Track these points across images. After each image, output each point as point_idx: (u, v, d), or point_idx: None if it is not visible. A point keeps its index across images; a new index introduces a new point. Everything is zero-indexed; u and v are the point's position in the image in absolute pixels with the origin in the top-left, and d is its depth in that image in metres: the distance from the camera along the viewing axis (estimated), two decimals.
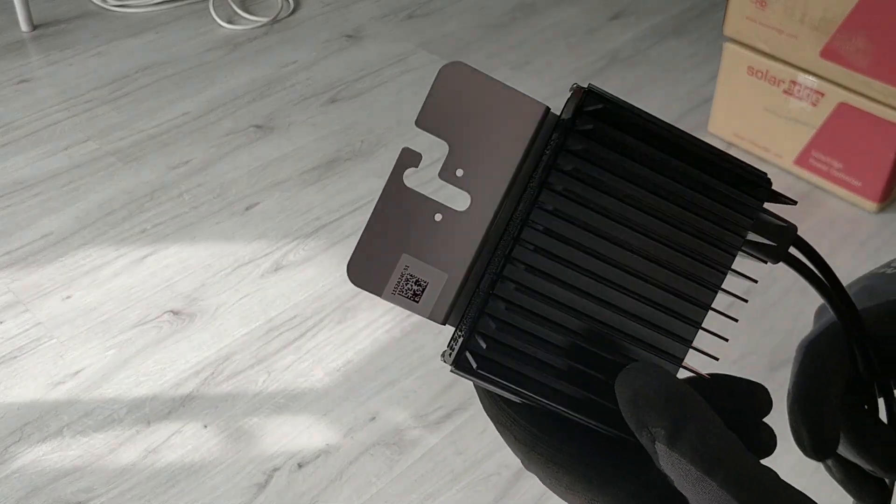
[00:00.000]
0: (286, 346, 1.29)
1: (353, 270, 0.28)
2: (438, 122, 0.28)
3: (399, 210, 0.28)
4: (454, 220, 0.28)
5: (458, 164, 0.28)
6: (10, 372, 1.26)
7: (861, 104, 1.46)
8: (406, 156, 0.28)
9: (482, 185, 0.28)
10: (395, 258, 0.28)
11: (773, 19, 1.52)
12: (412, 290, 0.28)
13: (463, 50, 1.95)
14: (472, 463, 1.15)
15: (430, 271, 0.28)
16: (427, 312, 0.28)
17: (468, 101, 0.28)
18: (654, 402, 0.24)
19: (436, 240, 0.28)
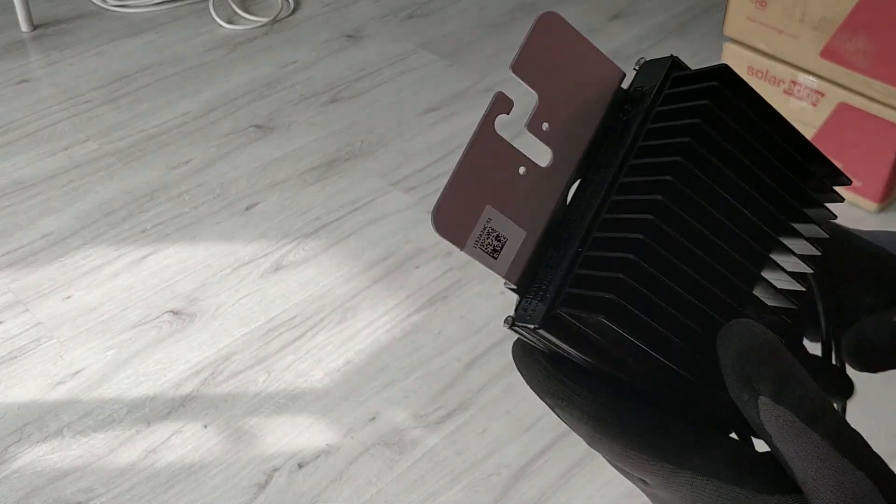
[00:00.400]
0: (286, 346, 1.29)
1: (439, 217, 0.26)
2: (532, 70, 0.27)
3: (487, 158, 0.27)
4: (537, 176, 0.27)
5: (546, 117, 0.27)
6: (10, 372, 1.26)
7: (861, 104, 1.46)
8: (500, 101, 0.27)
9: (565, 141, 0.27)
10: (480, 209, 0.27)
11: (773, 19, 1.52)
12: (492, 246, 0.27)
13: (463, 50, 1.95)
14: (472, 463, 1.15)
15: (510, 227, 0.27)
16: (503, 271, 0.27)
17: (560, 54, 0.27)
18: (761, 356, 0.24)
19: (519, 194, 0.27)
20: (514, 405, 1.22)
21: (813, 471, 0.23)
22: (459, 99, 1.80)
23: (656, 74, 0.28)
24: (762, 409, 0.24)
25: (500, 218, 0.27)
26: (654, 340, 0.26)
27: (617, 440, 0.26)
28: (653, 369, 0.26)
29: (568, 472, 1.14)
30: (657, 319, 0.26)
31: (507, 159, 0.27)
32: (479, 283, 1.39)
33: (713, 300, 0.26)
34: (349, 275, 1.41)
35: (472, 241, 0.27)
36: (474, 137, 0.26)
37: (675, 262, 0.26)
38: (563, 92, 0.27)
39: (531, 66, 0.27)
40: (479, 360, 1.28)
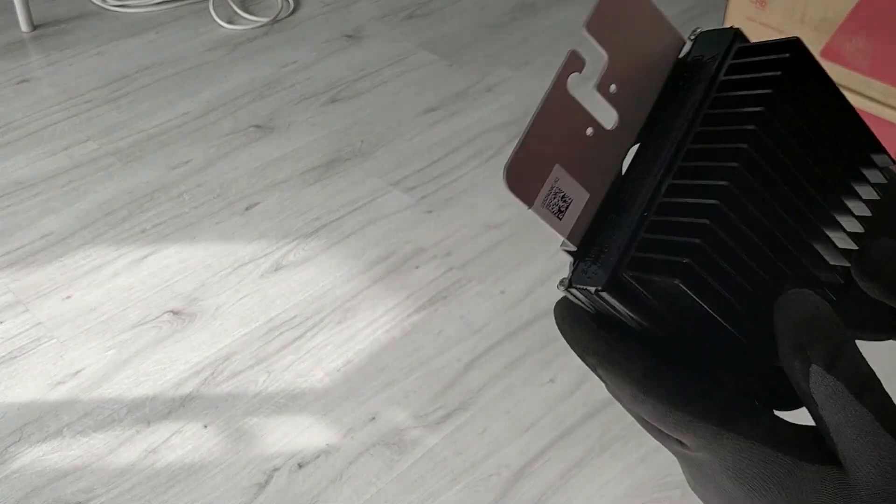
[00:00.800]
0: (286, 346, 1.29)
1: (511, 174, 0.26)
2: (604, 30, 0.27)
3: (558, 117, 0.27)
4: (603, 138, 0.27)
5: (614, 78, 0.27)
6: (10, 372, 1.26)
7: (861, 104, 1.46)
8: (573, 60, 0.26)
9: (630, 106, 0.27)
10: (549, 168, 0.26)
11: (773, 19, 1.52)
12: (558, 206, 0.27)
13: (463, 50, 1.95)
14: (472, 463, 1.15)
15: (576, 188, 0.27)
16: (566, 232, 0.27)
17: (629, 16, 0.27)
18: (818, 326, 0.24)
19: (585, 155, 0.27)
20: (514, 405, 1.22)
21: (856, 443, 0.23)
22: (459, 99, 1.80)
23: (717, 45, 0.28)
24: (813, 377, 0.24)
25: (567, 178, 0.27)
26: (722, 307, 0.26)
27: (662, 399, 0.26)
28: (707, 336, 0.26)
29: (568, 472, 1.14)
30: (727, 287, 0.26)
31: (577, 119, 0.27)
32: (479, 283, 1.39)
33: (779, 271, 0.26)
34: (349, 275, 1.41)
35: (540, 200, 0.27)
36: (547, 95, 0.26)
37: (747, 231, 0.26)
38: (632, 55, 0.27)
39: (603, 27, 0.27)
40: (479, 360, 1.28)
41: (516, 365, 1.27)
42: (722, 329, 0.26)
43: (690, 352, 0.27)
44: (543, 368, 1.26)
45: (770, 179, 0.26)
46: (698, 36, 0.29)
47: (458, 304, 1.36)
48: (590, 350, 0.27)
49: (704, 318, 0.26)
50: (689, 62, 0.28)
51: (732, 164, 0.25)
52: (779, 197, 0.26)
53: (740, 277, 0.26)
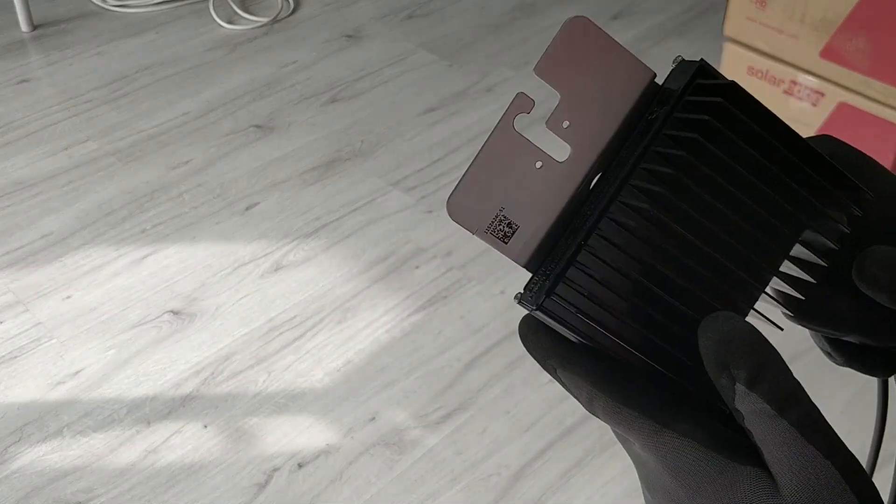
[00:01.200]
0: (286, 346, 1.29)
1: (453, 205, 0.29)
2: (556, 72, 0.29)
3: (505, 153, 0.29)
4: (552, 170, 0.29)
5: (566, 115, 0.29)
6: (10, 372, 1.26)
7: (861, 104, 1.46)
8: (520, 101, 0.29)
9: (584, 139, 0.29)
10: (495, 198, 0.29)
11: (773, 19, 1.52)
12: (503, 232, 0.29)
13: (463, 50, 1.95)
14: (472, 463, 1.15)
15: (523, 215, 0.29)
16: (514, 255, 0.29)
17: (586, 56, 0.29)
18: (740, 345, 0.26)
19: (533, 186, 0.29)
20: (514, 405, 1.22)
21: (779, 455, 0.25)
22: (459, 99, 1.80)
23: (683, 77, 0.29)
24: (737, 395, 0.25)
25: (513, 207, 0.29)
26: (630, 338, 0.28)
27: (613, 396, 0.28)
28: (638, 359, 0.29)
29: (568, 472, 1.14)
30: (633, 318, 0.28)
31: (525, 155, 0.29)
32: (479, 283, 1.39)
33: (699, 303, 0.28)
34: (349, 275, 1.41)
35: (483, 226, 0.29)
36: (492, 135, 0.29)
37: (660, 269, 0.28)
38: (586, 92, 0.29)
39: (555, 69, 0.29)
40: (479, 360, 1.28)
41: (516, 365, 1.27)
42: None
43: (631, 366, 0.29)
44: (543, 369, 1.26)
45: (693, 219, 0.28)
46: (679, 63, 0.30)
47: (458, 304, 1.36)
48: (551, 352, 0.29)
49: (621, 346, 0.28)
50: (662, 91, 0.30)
51: (643, 206, 0.28)
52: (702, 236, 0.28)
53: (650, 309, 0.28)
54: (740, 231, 0.29)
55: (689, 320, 0.28)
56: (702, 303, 0.28)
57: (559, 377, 0.29)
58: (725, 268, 0.29)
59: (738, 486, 0.25)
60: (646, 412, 0.27)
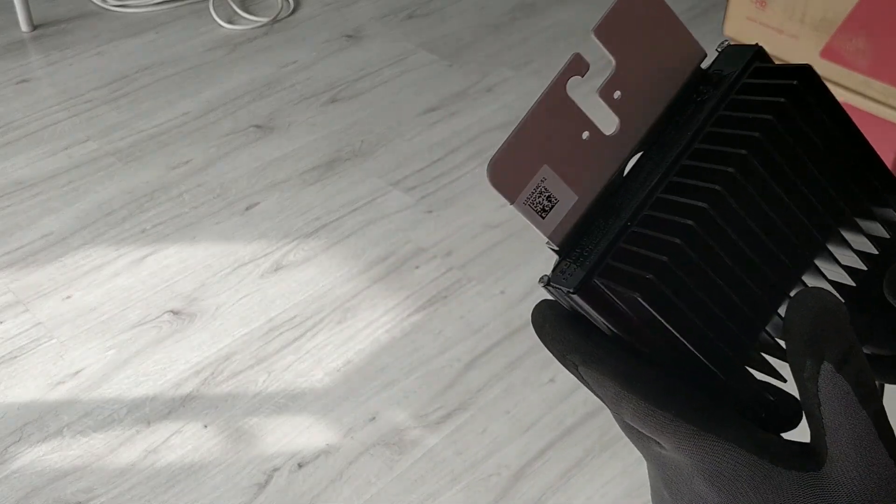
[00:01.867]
0: (286, 346, 1.29)
1: (494, 170, 0.27)
2: (614, 36, 0.27)
3: (553, 117, 0.27)
4: (599, 143, 0.27)
5: (619, 85, 0.27)
6: (10, 372, 1.26)
7: (861, 104, 1.46)
8: (575, 62, 0.27)
9: (634, 112, 0.27)
10: (537, 167, 0.27)
11: (773, 19, 1.52)
12: (542, 205, 0.27)
13: (463, 50, 1.95)
14: (472, 463, 1.15)
15: (564, 190, 0.27)
16: (549, 231, 0.27)
17: (644, 25, 0.27)
18: (838, 324, 0.24)
19: (578, 158, 0.27)
20: (514, 405, 1.22)
21: (850, 447, 0.23)
22: (459, 99, 1.80)
23: (738, 61, 0.27)
24: (823, 374, 0.24)
25: (554, 179, 0.27)
26: (686, 328, 0.26)
27: (645, 397, 0.26)
28: (677, 353, 0.26)
29: (568, 472, 1.14)
30: (693, 309, 0.26)
31: (573, 122, 0.27)
32: (479, 283, 1.39)
33: (753, 300, 0.26)
34: (349, 275, 1.41)
35: (523, 197, 0.27)
36: (543, 95, 0.26)
37: (722, 255, 0.26)
38: (641, 63, 0.27)
39: (613, 32, 0.27)
40: (479, 360, 1.28)
41: (516, 365, 1.27)
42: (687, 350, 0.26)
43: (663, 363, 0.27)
44: (543, 368, 1.26)
45: (754, 204, 0.26)
46: (724, 49, 0.28)
47: (458, 304, 1.36)
48: (573, 347, 0.27)
49: (671, 337, 0.26)
50: (709, 75, 0.28)
51: (715, 187, 0.25)
52: (760, 222, 0.26)
53: (711, 303, 0.26)
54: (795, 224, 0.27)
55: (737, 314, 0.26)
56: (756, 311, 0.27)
57: (580, 374, 0.27)
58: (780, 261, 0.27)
59: (785, 492, 0.24)
60: (682, 414, 0.25)
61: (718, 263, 0.26)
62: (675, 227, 0.25)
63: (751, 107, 0.27)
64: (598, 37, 0.27)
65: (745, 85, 0.27)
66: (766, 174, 0.26)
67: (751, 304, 0.26)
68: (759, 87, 0.27)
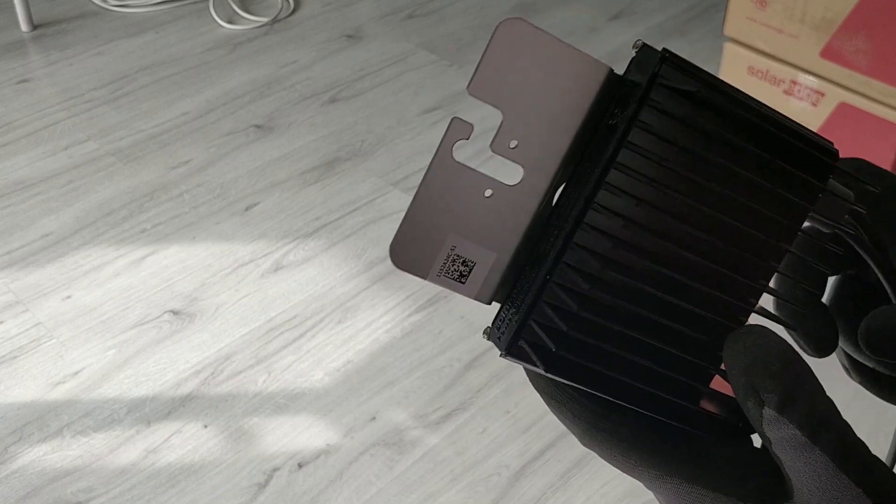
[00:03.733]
0: (286, 346, 1.29)
1: (396, 252, 0.26)
2: (493, 88, 0.25)
3: (447, 186, 0.26)
4: (505, 195, 0.26)
5: (513, 134, 0.26)
6: (10, 372, 1.26)
7: (861, 104, 1.46)
8: (456, 127, 0.25)
9: (537, 156, 0.26)
10: (442, 239, 0.26)
11: (773, 19, 1.52)
12: (458, 272, 0.26)
13: (463, 50, 1.95)
14: (472, 463, 1.15)
15: (478, 251, 0.26)
16: (473, 294, 0.27)
17: (526, 63, 0.25)
18: (770, 367, 0.24)
19: (485, 217, 0.26)
20: (514, 405, 1.22)
21: (810, 485, 0.23)
22: (459, 99, 1.80)
23: (646, 71, 0.25)
24: (766, 420, 0.23)
25: (465, 244, 0.26)
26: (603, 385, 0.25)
27: (607, 444, 0.26)
28: None
29: (568, 472, 1.14)
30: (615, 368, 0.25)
31: (469, 185, 0.26)
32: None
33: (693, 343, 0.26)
34: (349, 275, 1.41)
35: (435, 271, 0.26)
36: (429, 169, 0.25)
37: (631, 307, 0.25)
38: (531, 104, 0.25)
39: (491, 85, 0.25)
40: (479, 360, 1.28)
41: (516, 365, 1.26)
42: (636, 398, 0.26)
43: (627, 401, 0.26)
44: None
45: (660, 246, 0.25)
46: (640, 49, 0.26)
47: (458, 304, 1.36)
48: (540, 387, 0.27)
49: None
50: (626, 84, 0.26)
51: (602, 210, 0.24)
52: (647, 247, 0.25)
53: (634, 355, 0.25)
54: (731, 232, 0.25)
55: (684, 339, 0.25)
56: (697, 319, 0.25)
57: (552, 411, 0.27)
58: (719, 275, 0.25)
59: None
60: (645, 458, 0.25)
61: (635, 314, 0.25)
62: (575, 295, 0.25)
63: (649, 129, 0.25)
64: (475, 94, 0.25)
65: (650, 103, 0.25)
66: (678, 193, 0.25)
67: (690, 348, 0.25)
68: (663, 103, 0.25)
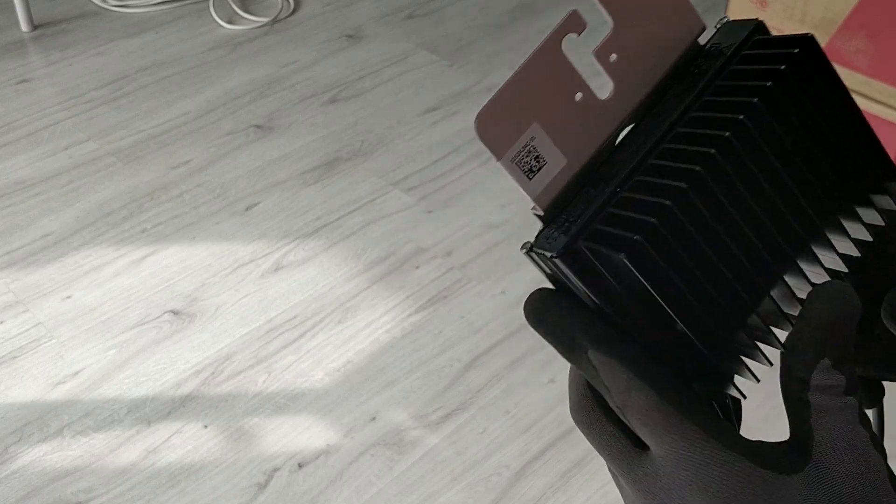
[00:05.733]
0: (286, 346, 1.29)
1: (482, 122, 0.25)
2: None
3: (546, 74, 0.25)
4: (592, 106, 0.26)
5: (616, 48, 0.26)
6: (10, 372, 1.26)
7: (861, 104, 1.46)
8: (572, 20, 0.26)
9: (629, 79, 0.26)
10: (526, 124, 0.26)
11: (773, 19, 1.52)
12: (530, 165, 0.26)
13: (463, 50, 1.95)
14: (473, 463, 1.15)
15: (553, 151, 0.26)
16: (535, 193, 0.26)
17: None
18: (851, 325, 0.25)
19: (569, 120, 0.26)
20: (514, 405, 1.22)
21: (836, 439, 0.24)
22: (459, 99, 1.80)
23: (737, 35, 0.27)
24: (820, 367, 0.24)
25: (544, 139, 0.26)
26: (672, 296, 0.25)
27: (656, 389, 0.25)
28: (656, 322, 0.26)
29: (568, 472, 1.14)
30: (680, 276, 0.25)
31: (566, 81, 0.26)
32: (479, 283, 1.39)
33: (744, 276, 0.26)
34: (349, 275, 1.41)
35: (510, 154, 0.26)
36: (537, 50, 0.26)
37: (714, 225, 0.25)
38: (639, 28, 0.26)
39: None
40: (479, 360, 1.28)
41: (516, 365, 1.27)
42: (668, 318, 0.25)
43: (641, 338, 0.26)
44: (543, 368, 1.26)
45: (749, 173, 0.25)
46: (723, 24, 0.28)
47: (458, 304, 1.36)
48: (583, 329, 0.26)
49: (652, 305, 0.25)
50: (707, 49, 0.27)
51: (710, 151, 0.25)
52: (756, 194, 0.26)
53: (697, 270, 0.25)
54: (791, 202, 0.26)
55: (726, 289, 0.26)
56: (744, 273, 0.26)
57: (589, 359, 0.25)
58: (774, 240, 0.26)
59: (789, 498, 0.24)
60: (690, 415, 0.24)
61: (709, 232, 0.25)
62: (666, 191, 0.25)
63: (749, 75, 0.26)
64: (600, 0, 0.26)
65: (744, 56, 0.26)
66: (763, 143, 0.25)
67: (742, 281, 0.26)
68: (757, 58, 0.26)
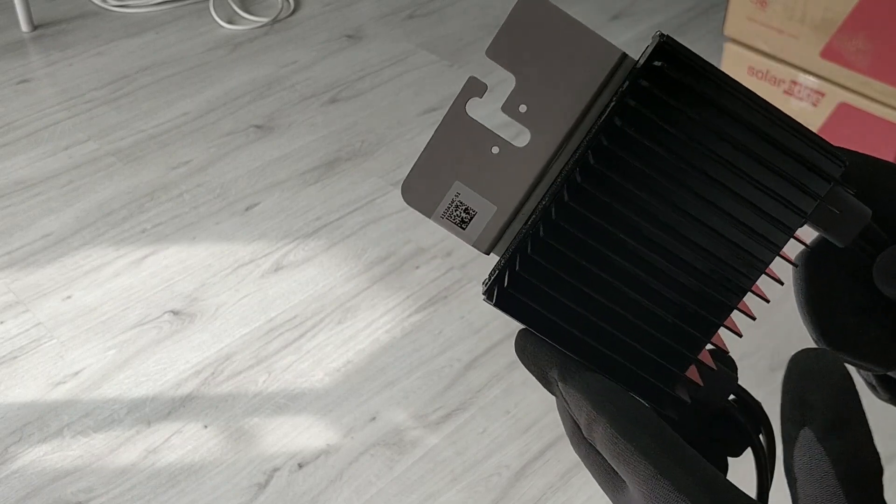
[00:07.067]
0: (286, 346, 1.29)
1: (407, 189, 0.28)
2: (509, 53, 0.28)
3: (458, 138, 0.28)
4: (511, 155, 0.28)
5: (523, 99, 0.28)
6: (10, 372, 1.26)
7: (861, 104, 1.46)
8: (472, 85, 0.28)
9: (544, 124, 0.28)
10: (448, 183, 0.28)
11: (773, 19, 1.52)
12: (460, 217, 0.29)
13: (463, 50, 1.95)
14: (473, 463, 1.15)
15: (480, 201, 0.29)
16: (472, 241, 0.29)
17: (543, 36, 0.27)
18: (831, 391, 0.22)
19: (490, 171, 0.28)
20: (514, 405, 1.22)
21: None
22: None
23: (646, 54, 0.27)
24: (801, 441, 0.22)
25: (469, 193, 0.29)
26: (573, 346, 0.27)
27: (611, 422, 0.25)
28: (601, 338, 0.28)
29: (568, 472, 1.14)
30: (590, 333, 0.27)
31: (479, 139, 0.28)
32: (480, 283, 1.39)
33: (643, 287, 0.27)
34: (349, 275, 1.41)
35: (439, 212, 0.29)
36: (443, 120, 0.28)
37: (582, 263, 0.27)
38: (544, 74, 0.28)
39: (509, 50, 0.28)
40: (479, 360, 1.28)
41: (516, 365, 1.27)
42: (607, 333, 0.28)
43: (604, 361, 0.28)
44: None
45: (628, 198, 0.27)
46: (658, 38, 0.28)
47: (458, 304, 1.36)
48: (552, 363, 0.27)
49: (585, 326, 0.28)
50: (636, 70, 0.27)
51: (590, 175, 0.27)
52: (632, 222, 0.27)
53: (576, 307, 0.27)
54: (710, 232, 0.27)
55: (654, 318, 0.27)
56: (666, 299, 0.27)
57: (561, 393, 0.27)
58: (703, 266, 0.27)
59: None
60: (645, 451, 0.24)
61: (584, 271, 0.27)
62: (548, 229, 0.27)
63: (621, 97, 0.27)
64: (492, 57, 0.28)
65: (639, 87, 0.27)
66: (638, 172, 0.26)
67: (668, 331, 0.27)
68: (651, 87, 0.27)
